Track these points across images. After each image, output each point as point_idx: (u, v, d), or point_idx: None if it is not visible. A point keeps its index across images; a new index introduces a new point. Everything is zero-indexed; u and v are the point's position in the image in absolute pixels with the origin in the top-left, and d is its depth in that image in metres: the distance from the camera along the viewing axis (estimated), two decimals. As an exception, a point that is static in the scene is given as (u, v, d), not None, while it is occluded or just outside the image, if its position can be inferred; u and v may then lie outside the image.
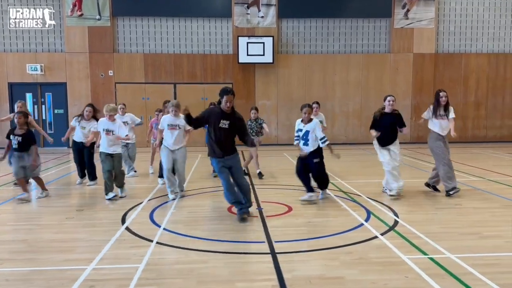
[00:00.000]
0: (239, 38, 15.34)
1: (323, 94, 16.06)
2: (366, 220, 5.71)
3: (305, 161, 6.70)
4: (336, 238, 4.98)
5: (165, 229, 5.38)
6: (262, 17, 15.67)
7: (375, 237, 5.00)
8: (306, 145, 6.68)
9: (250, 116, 9.06)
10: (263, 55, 15.43)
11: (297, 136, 6.82)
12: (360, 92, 16.26)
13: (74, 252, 4.60)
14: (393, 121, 7.02)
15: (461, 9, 16.38)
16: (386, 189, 7.22)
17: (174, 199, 6.97)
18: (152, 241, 4.88)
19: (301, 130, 6.71)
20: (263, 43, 15.38)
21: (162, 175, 7.75)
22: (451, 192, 6.99)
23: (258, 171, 9.12)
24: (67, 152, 13.68)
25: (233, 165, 5.82)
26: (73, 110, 14.98)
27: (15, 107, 8.43)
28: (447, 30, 16.40)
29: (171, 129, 6.96)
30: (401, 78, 16.28)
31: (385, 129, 6.96)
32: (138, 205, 6.67)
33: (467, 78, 16.48)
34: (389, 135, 7.01)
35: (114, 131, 7.10)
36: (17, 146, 6.90)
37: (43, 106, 15.64)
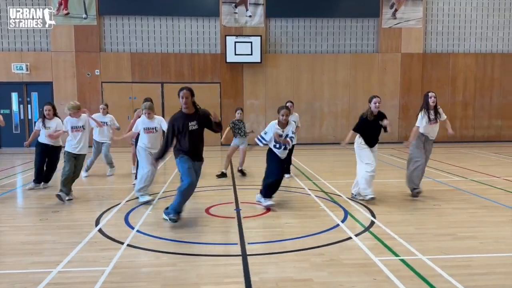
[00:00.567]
0: (226, 37, 15.26)
1: (311, 94, 16.05)
2: (343, 221, 5.67)
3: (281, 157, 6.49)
4: (310, 239, 4.94)
5: (138, 231, 5.31)
6: (250, 16, 15.60)
7: (349, 238, 4.96)
8: (285, 149, 6.51)
9: (236, 116, 9.02)
10: (251, 54, 15.36)
11: (265, 139, 6.46)
12: (348, 92, 16.23)
13: (42, 254, 4.52)
14: (380, 121, 6.92)
15: (449, 9, 16.41)
16: (356, 196, 6.97)
17: (152, 200, 6.89)
18: (123, 243, 4.81)
19: (281, 136, 6.36)
20: (251, 42, 15.31)
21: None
22: (413, 192, 7.05)
23: (240, 168, 9.14)
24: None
25: (197, 171, 5.73)
26: (59, 109, 14.68)
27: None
28: (435, 30, 16.43)
29: (147, 132, 6.81)
30: (389, 78, 16.28)
31: (375, 130, 6.86)
32: (115, 206, 6.59)
33: (455, 78, 16.51)
34: (377, 136, 6.94)
35: (84, 126, 7.17)
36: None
37: (29, 106, 15.49)
